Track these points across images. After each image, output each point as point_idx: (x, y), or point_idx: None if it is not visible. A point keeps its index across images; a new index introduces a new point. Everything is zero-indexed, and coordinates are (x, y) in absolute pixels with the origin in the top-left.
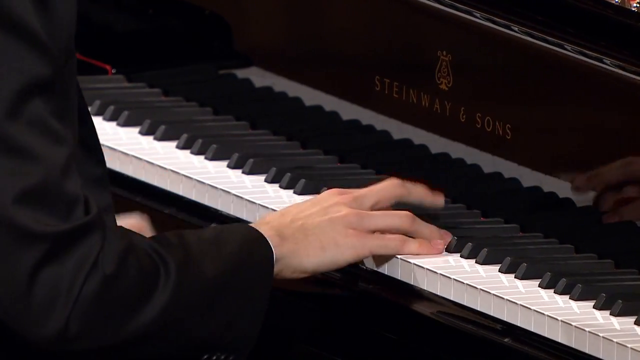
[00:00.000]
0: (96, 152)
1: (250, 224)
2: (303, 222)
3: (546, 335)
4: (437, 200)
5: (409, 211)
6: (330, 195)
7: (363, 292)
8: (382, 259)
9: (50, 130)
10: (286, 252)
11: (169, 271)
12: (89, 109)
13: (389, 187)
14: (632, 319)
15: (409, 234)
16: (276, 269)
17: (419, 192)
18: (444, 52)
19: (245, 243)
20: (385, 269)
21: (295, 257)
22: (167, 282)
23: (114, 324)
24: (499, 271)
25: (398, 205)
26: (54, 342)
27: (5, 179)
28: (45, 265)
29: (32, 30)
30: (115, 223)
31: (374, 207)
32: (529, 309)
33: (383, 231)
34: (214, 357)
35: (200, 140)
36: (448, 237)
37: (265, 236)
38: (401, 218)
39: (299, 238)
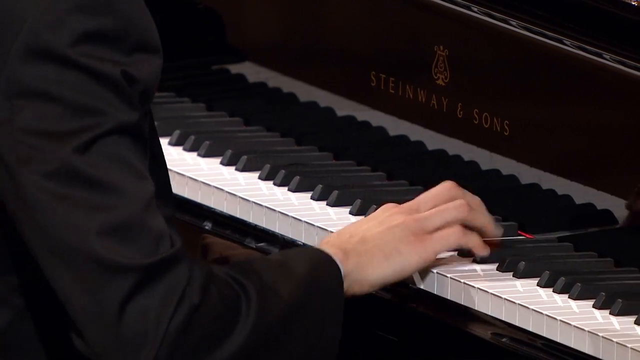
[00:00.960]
0: (169, 192)
1: (312, 247)
2: (362, 235)
3: (544, 335)
4: (498, 227)
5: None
6: (385, 209)
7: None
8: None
9: (134, 168)
10: (352, 267)
11: (249, 298)
12: None
13: (444, 190)
14: (632, 319)
15: (467, 224)
16: (345, 285)
17: (474, 197)
18: (441, 47)
19: (313, 263)
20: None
21: (360, 270)
22: (249, 308)
23: (202, 353)
24: (497, 270)
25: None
26: None
27: (89, 213)
28: (134, 297)
29: (135, 80)
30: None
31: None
32: (528, 308)
33: (443, 228)
34: None
35: (193, 137)
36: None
37: (331, 254)
38: (457, 209)
39: (361, 251)
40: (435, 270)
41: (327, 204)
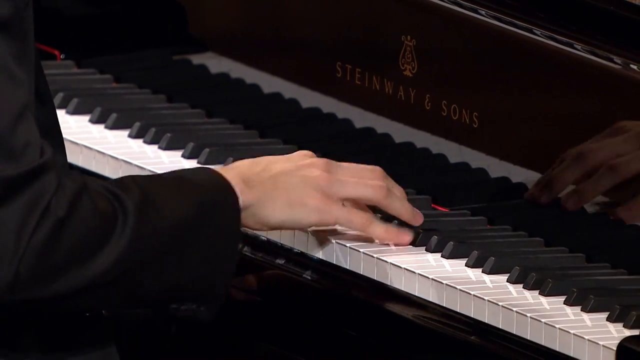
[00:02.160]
0: (56, 138)
1: (216, 169)
2: (274, 174)
3: (515, 332)
4: (416, 217)
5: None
6: (305, 155)
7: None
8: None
9: (7, 70)
10: (252, 200)
11: (126, 213)
12: None
13: (369, 169)
14: (604, 315)
15: (381, 208)
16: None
17: (398, 187)
18: (408, 37)
19: (209, 188)
20: (346, 263)
21: (261, 207)
22: (125, 223)
23: (68, 269)
24: (466, 265)
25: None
26: (6, 292)
27: None
28: None
29: None
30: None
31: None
32: (497, 304)
33: (354, 201)
34: (183, 307)
35: (153, 129)
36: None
37: (231, 183)
38: (374, 189)
39: (268, 189)
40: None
41: None
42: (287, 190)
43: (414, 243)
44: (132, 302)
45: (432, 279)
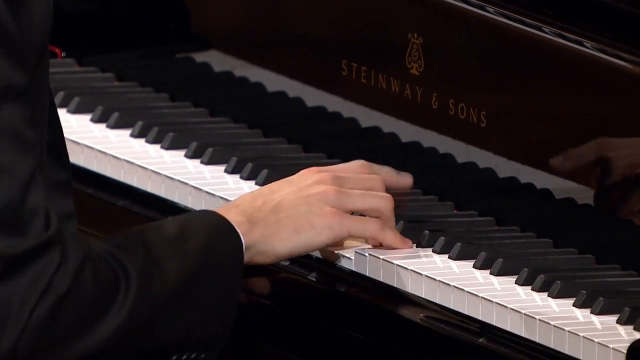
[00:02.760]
0: (62, 156)
1: (218, 209)
2: (276, 204)
3: (523, 334)
4: (405, 180)
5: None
6: (307, 174)
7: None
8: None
9: (20, 138)
10: (257, 238)
11: (129, 281)
12: None
13: (373, 178)
14: (614, 318)
15: (383, 219)
16: (247, 257)
17: (386, 174)
18: (415, 35)
19: (212, 235)
20: (352, 265)
21: (267, 242)
22: (127, 292)
23: (67, 342)
24: (474, 267)
25: None
26: (3, 358)
27: None
28: None
29: (8, 35)
30: (76, 230)
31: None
32: (505, 307)
33: (362, 213)
34: (184, 357)
35: (156, 129)
36: (409, 243)
37: (234, 223)
38: (382, 200)
39: (271, 222)
40: (410, 268)
41: None
42: (292, 217)
43: (420, 244)
44: (139, 354)
45: (440, 281)
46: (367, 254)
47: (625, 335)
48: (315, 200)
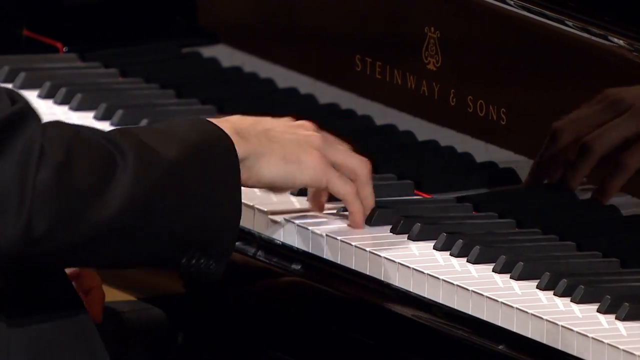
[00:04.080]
0: None
1: (208, 119)
2: (267, 129)
3: (545, 342)
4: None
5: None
6: (298, 121)
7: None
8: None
9: None
10: (247, 151)
11: (125, 156)
12: (38, 91)
13: (358, 159)
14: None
15: (356, 183)
16: None
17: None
18: (432, 29)
19: (204, 134)
20: (367, 269)
21: (256, 160)
22: (125, 167)
23: (78, 215)
24: (493, 271)
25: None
26: (20, 246)
27: None
28: None
29: None
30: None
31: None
32: (526, 312)
33: (340, 168)
34: (194, 261)
35: None
36: (362, 226)
37: (225, 131)
38: (362, 162)
39: (263, 142)
40: (427, 272)
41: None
42: (282, 146)
43: (437, 247)
44: (146, 250)
45: (457, 285)
46: (382, 255)
47: None
48: (305, 140)
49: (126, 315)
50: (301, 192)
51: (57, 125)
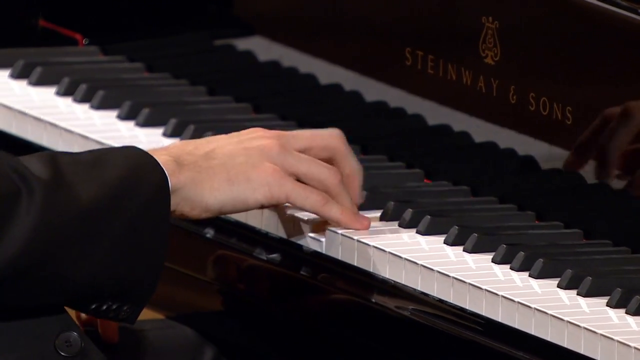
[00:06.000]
0: None
1: (136, 148)
2: (210, 149)
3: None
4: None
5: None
6: (251, 130)
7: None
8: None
9: None
10: (184, 181)
11: (33, 195)
12: (56, 87)
13: (325, 135)
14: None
15: (328, 194)
16: (172, 202)
17: (352, 156)
18: (490, 19)
19: (132, 167)
20: (418, 284)
21: (195, 188)
22: (30, 204)
23: None
24: (558, 287)
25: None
26: None
27: None
28: None
29: None
30: None
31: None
32: (595, 332)
33: (305, 180)
34: (104, 307)
35: (192, 127)
36: (364, 223)
37: (159, 161)
38: (330, 171)
39: (202, 167)
40: (484, 288)
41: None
42: (227, 166)
43: (496, 260)
44: (49, 296)
45: (519, 302)
46: (435, 269)
47: None
48: (255, 153)
49: (147, 334)
50: None
51: None
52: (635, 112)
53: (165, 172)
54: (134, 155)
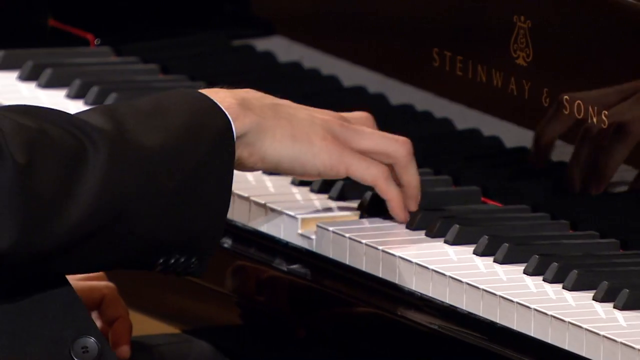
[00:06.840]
0: None
1: (204, 90)
2: (277, 103)
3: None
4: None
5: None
6: (323, 110)
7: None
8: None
9: None
10: (249, 125)
11: (97, 147)
12: (66, 90)
13: (392, 141)
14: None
15: (396, 169)
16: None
17: (413, 168)
18: (522, 17)
19: (195, 112)
20: (446, 297)
21: (257, 133)
22: (96, 162)
23: (44, 222)
24: (594, 299)
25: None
26: None
27: None
28: None
29: None
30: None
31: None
32: (633, 348)
33: (373, 157)
34: (172, 261)
35: None
36: (408, 216)
37: (222, 105)
38: (398, 143)
39: (268, 115)
40: (515, 301)
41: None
42: (292, 123)
43: (528, 271)
44: (119, 253)
45: (552, 316)
46: (464, 281)
47: None
48: (319, 122)
49: (161, 349)
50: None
51: (20, 118)
52: None
53: (229, 117)
54: (195, 100)
